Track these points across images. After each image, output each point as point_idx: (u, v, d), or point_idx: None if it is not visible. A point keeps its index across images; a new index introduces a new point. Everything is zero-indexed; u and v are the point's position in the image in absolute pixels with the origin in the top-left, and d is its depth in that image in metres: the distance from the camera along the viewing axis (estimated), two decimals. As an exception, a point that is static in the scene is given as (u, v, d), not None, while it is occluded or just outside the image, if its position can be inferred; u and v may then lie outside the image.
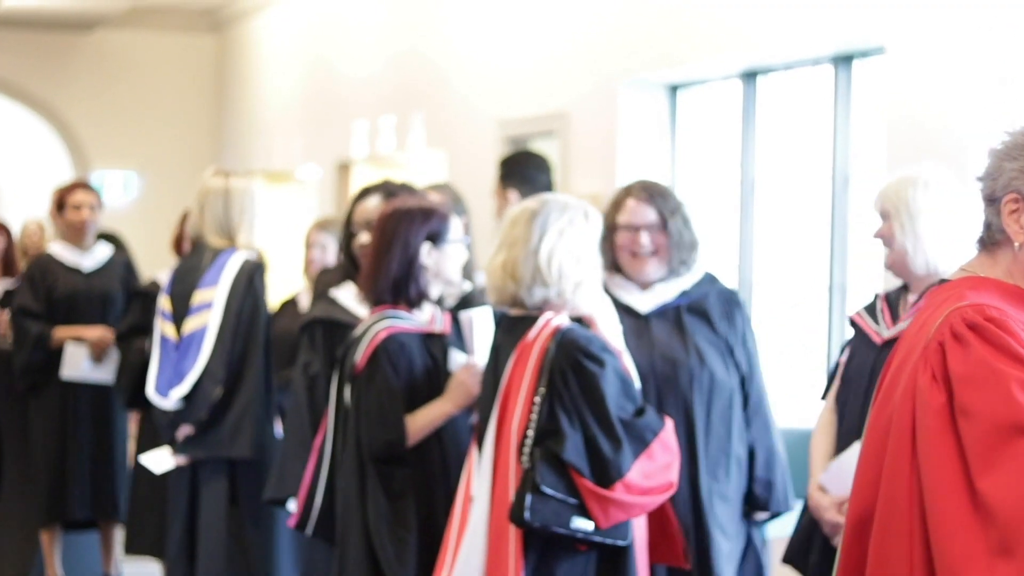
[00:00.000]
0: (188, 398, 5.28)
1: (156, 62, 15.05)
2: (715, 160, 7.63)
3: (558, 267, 3.62)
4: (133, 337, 6.50)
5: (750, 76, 7.22)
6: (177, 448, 5.36)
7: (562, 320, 3.64)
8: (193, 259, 5.50)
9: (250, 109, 14.36)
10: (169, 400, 5.29)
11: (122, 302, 6.95)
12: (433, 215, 4.06)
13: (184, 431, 5.34)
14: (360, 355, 3.94)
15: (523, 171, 5.85)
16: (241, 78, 14.65)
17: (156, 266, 8.13)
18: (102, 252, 7.06)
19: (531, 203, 3.73)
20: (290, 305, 6.32)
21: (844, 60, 6.55)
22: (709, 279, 4.20)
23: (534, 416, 3.51)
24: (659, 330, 4.06)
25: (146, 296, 6.53)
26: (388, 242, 4.00)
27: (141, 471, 6.51)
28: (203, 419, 5.25)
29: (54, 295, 6.84)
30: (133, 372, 6.42)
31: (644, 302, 4.12)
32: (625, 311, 4.01)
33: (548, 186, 5.89)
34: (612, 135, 7.89)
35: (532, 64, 8.82)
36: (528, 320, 3.64)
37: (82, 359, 6.76)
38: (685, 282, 4.15)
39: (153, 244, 12.59)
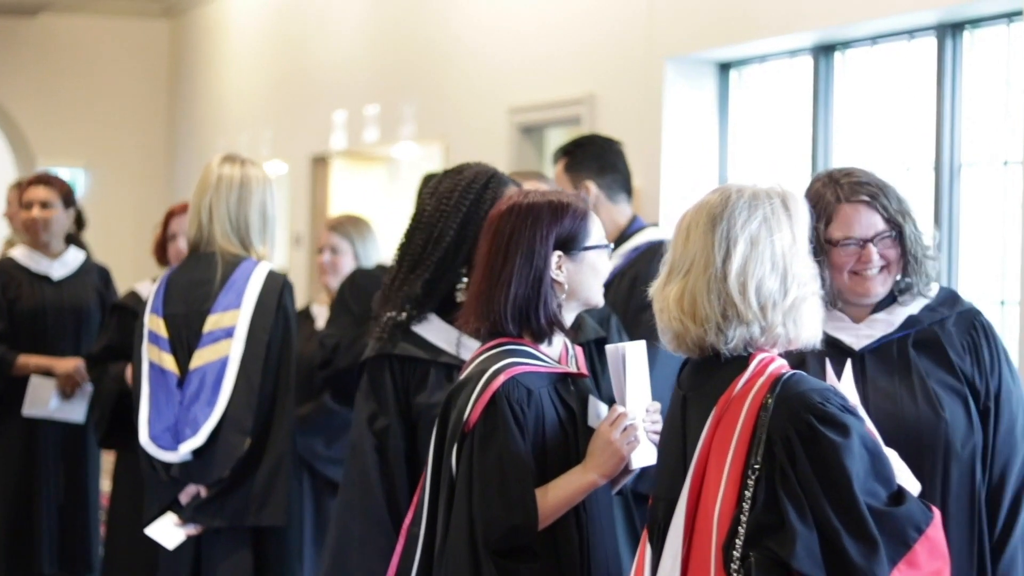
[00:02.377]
0: (202, 452, 4.18)
1: (106, 49, 13.89)
2: (777, 149, 6.63)
3: (757, 292, 2.59)
4: (109, 361, 5.41)
5: (825, 50, 6.22)
6: (186, 514, 4.22)
7: (781, 365, 2.59)
8: (195, 271, 4.37)
9: (209, 100, 13.22)
10: (176, 454, 4.18)
11: (97, 317, 5.87)
12: (565, 212, 3.00)
13: (192, 491, 4.23)
14: (471, 407, 2.87)
15: (601, 158, 4.77)
16: (199, 66, 13.51)
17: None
18: (73, 258, 5.96)
19: (709, 202, 2.68)
20: (301, 321, 5.25)
21: (953, 29, 5.56)
22: (947, 298, 3.14)
23: (745, 504, 2.46)
24: (876, 372, 3.02)
25: (124, 311, 5.44)
26: (504, 251, 2.95)
27: (118, 519, 5.43)
28: (224, 478, 4.14)
29: (17, 308, 5.76)
30: (108, 404, 5.35)
31: (857, 335, 3.08)
32: (830, 347, 2.95)
33: (628, 176, 4.86)
34: (653, 122, 6.86)
35: (550, 42, 7.77)
36: (730, 364, 2.60)
37: (49, 395, 5.69)
38: (913, 305, 3.10)
39: (104, 248, 11.42)
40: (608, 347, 2.96)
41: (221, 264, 4.26)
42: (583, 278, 2.99)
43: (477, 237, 3.17)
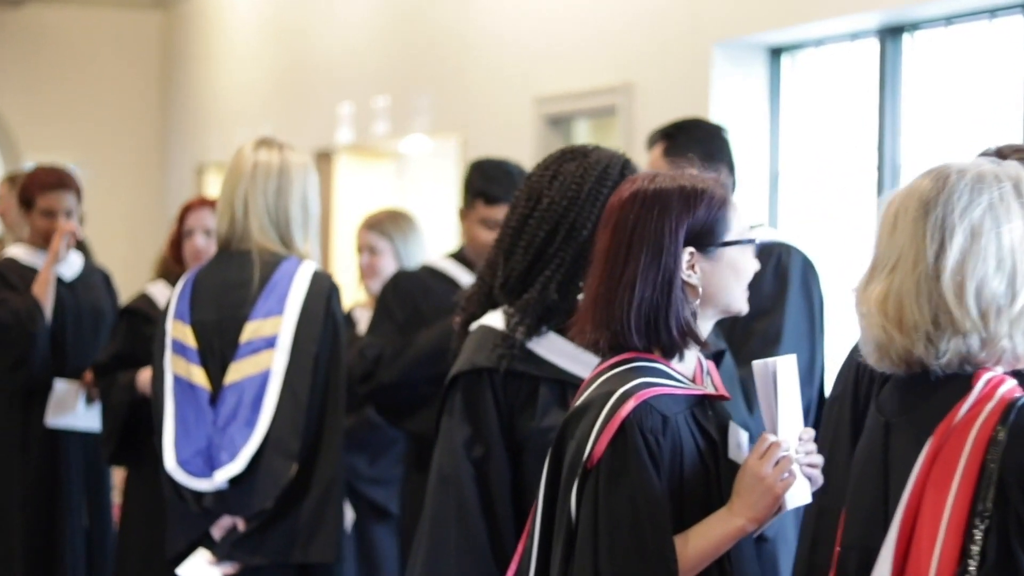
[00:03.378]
0: (241, 479, 3.64)
1: (95, 41, 13.35)
2: (835, 140, 6.15)
3: (977, 295, 2.09)
4: (118, 370, 4.90)
5: (892, 32, 5.73)
6: (221, 550, 3.69)
7: (1013, 388, 2.09)
8: (227, 271, 3.83)
9: (204, 93, 12.69)
10: (209, 481, 3.64)
11: (111, 321, 5.37)
12: (699, 199, 2.49)
13: (227, 524, 3.69)
14: (595, 438, 2.36)
15: (707, 144, 4.16)
16: (193, 58, 12.98)
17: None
18: (75, 259, 5.45)
19: (921, 186, 2.19)
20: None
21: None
22: None
23: (972, 560, 1.97)
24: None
25: (134, 316, 4.93)
26: (627, 248, 2.45)
27: (129, 549, 4.93)
28: (267, 509, 3.60)
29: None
30: (118, 417, 4.84)
31: None
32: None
33: (734, 167, 4.30)
34: (698, 112, 6.36)
35: (581, 26, 7.27)
36: (947, 384, 2.10)
37: (76, 401, 5.17)
38: None
39: (93, 248, 10.90)
40: (756, 363, 2.45)
41: (259, 264, 3.72)
42: (721, 280, 2.49)
43: None
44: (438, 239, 11.19)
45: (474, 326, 2.88)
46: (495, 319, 2.83)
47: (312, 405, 3.63)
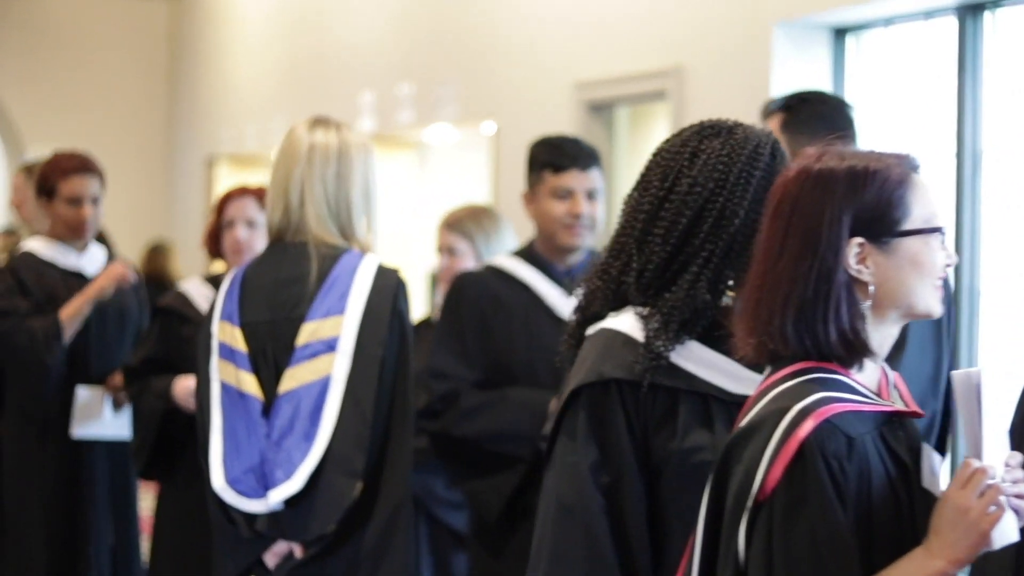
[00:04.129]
0: (299, 500, 3.23)
1: (99, 30, 12.95)
2: (905, 126, 5.77)
3: None
4: (150, 375, 4.51)
5: (973, 10, 5.36)
6: (275, 578, 3.26)
7: None
8: (281, 266, 3.41)
9: (213, 84, 12.29)
10: (263, 502, 3.23)
11: (137, 320, 4.98)
12: (869, 181, 2.09)
13: (283, 550, 3.29)
14: (768, 464, 1.97)
15: (831, 120, 3.60)
16: (201, 48, 12.58)
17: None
18: (97, 252, 5.05)
19: None
20: (420, 333, 4.17)
21: None
22: None
23: None
24: None
25: (168, 316, 4.54)
26: (783, 237, 2.08)
27: (162, 562, 4.54)
28: (328, 534, 3.19)
29: (52, 311, 4.83)
30: (151, 427, 4.45)
31: None
32: None
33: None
34: (757, 97, 5.98)
35: (626, 6, 6.89)
36: None
37: (101, 409, 4.79)
38: None
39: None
40: (956, 374, 2.07)
41: (316, 257, 3.31)
42: (900, 276, 2.09)
43: None
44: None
45: (593, 329, 2.47)
46: (624, 322, 2.41)
47: (378, 416, 3.22)
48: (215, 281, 4.59)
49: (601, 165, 3.77)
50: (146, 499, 5.71)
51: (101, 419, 4.78)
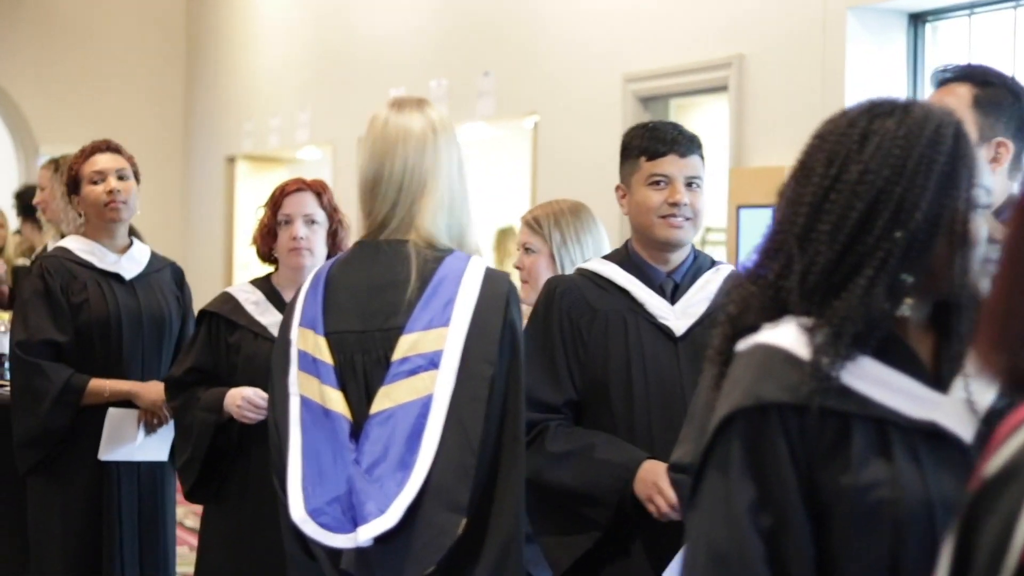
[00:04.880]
0: (394, 536, 2.79)
1: (116, 24, 12.61)
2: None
3: None
4: (196, 386, 4.16)
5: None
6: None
7: None
8: (373, 269, 2.96)
9: (233, 80, 11.95)
10: (350, 538, 2.84)
11: (178, 328, 4.60)
12: None
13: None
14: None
15: (1014, 108, 3.15)
16: (221, 42, 12.23)
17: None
18: (140, 252, 4.66)
19: None
20: None
21: None
22: None
23: None
24: None
25: (215, 321, 4.17)
26: None
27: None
28: (431, 574, 2.80)
29: (84, 316, 4.41)
30: (200, 445, 4.09)
31: None
32: None
33: None
34: (831, 87, 5.64)
35: (680, -4, 6.55)
36: None
37: (133, 431, 4.42)
38: None
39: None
40: None
41: (415, 259, 2.91)
42: None
43: (956, 213, 1.94)
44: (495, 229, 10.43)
45: (745, 344, 2.08)
46: (784, 335, 2.02)
47: (486, 443, 2.81)
48: (265, 284, 4.23)
49: (703, 152, 3.36)
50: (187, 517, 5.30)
51: (132, 444, 4.40)
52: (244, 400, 4.01)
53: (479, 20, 8.23)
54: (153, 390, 4.41)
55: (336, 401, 2.90)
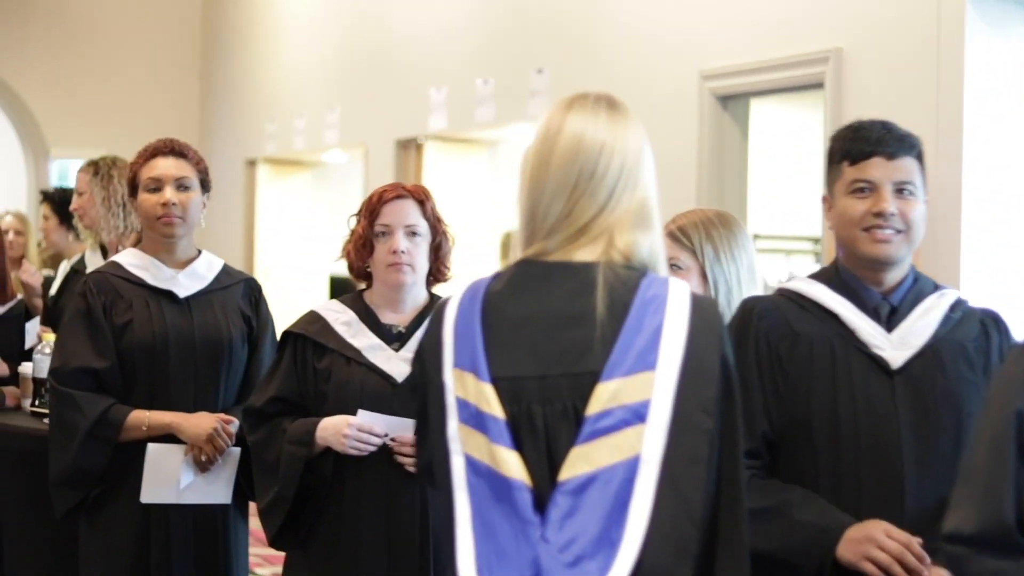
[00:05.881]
0: None
1: (128, 23, 12.14)
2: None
3: None
4: (280, 417, 3.66)
5: None
6: None
7: None
8: (546, 293, 2.37)
9: (253, 80, 11.45)
10: None
11: (244, 354, 4.06)
12: None
13: None
14: None
15: None
16: (240, 41, 11.74)
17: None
18: (206, 267, 4.12)
19: None
20: None
21: None
22: None
23: None
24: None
25: (301, 343, 3.66)
26: None
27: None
28: None
29: (129, 340, 3.87)
30: (288, 486, 3.60)
31: None
32: None
33: None
34: (947, 85, 5.16)
35: (766, -14, 6.08)
36: None
37: (178, 470, 3.88)
38: None
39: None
40: None
41: (604, 284, 2.35)
42: None
43: None
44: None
45: None
46: None
47: (705, 512, 2.30)
48: (357, 303, 3.74)
49: (920, 154, 2.86)
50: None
51: (176, 485, 3.86)
52: (353, 428, 3.52)
53: (531, 13, 7.75)
54: (198, 422, 3.89)
55: (512, 464, 2.33)
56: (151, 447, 3.86)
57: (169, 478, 3.90)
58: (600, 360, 2.31)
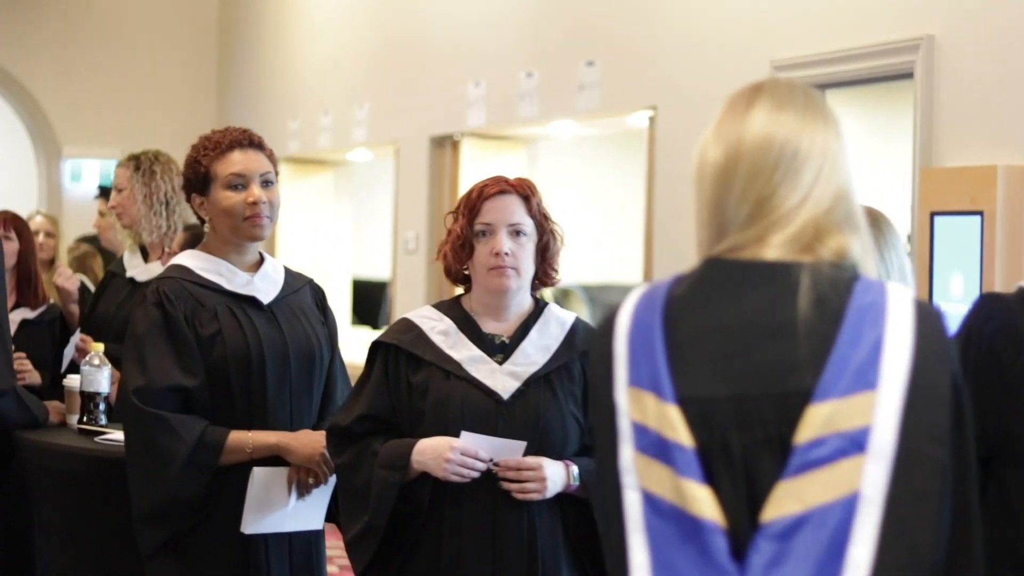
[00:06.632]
0: None
1: (142, 19, 11.78)
2: None
3: None
4: (368, 439, 3.29)
5: None
6: None
7: None
8: (741, 298, 1.99)
9: (275, 75, 11.09)
10: None
11: (327, 362, 3.69)
12: None
13: None
14: None
15: None
16: (259, 34, 11.38)
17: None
18: (274, 269, 3.74)
19: None
20: None
21: None
22: None
23: None
24: None
25: (392, 354, 3.30)
26: None
27: None
28: None
29: (217, 354, 3.48)
30: (383, 507, 3.26)
31: None
32: None
33: None
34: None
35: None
36: None
37: (283, 496, 3.52)
38: None
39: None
40: None
41: (810, 287, 1.98)
42: None
43: None
44: (593, 243, 9.59)
45: None
46: None
47: (936, 561, 1.93)
48: (455, 310, 3.37)
49: None
50: None
51: (283, 512, 3.50)
52: (456, 452, 3.16)
53: (579, 6, 7.38)
54: (307, 442, 3.53)
55: (703, 501, 1.96)
56: (257, 471, 3.49)
57: (274, 505, 3.54)
58: (810, 378, 1.93)
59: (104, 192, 6.34)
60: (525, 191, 3.35)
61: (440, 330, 3.35)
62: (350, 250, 10.88)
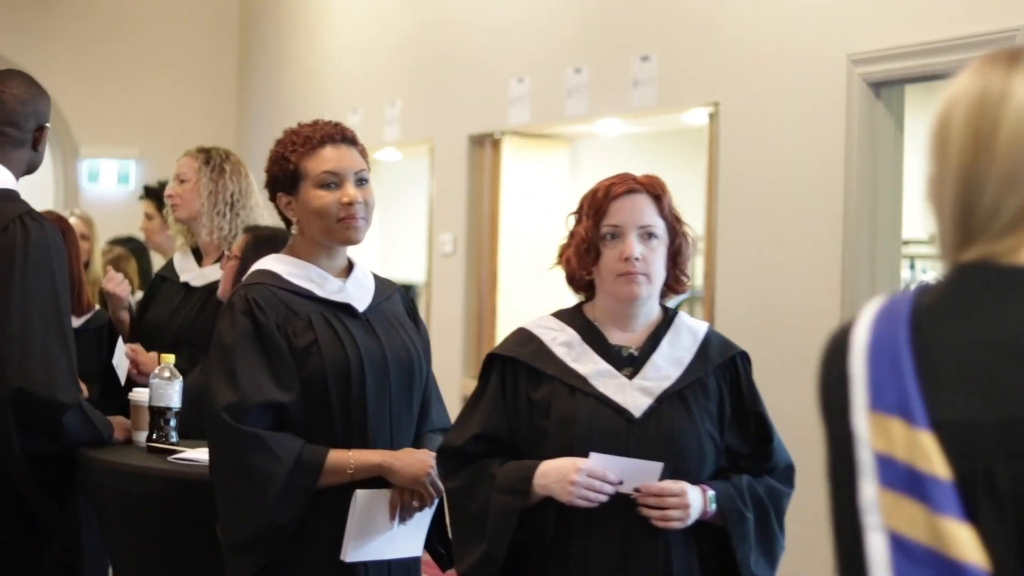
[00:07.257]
0: None
1: (161, 15, 11.49)
2: None
3: None
4: (484, 460, 3.02)
5: None
6: None
7: None
8: (1001, 309, 1.69)
9: (299, 71, 10.82)
10: None
11: (424, 375, 3.42)
12: None
13: None
14: None
15: None
16: (282, 29, 11.10)
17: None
18: (364, 275, 3.46)
19: None
20: None
21: None
22: None
23: None
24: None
25: (510, 369, 3.03)
26: None
27: None
28: None
29: (314, 366, 3.19)
30: (503, 533, 3.00)
31: None
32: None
33: None
34: None
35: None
36: None
37: (385, 519, 3.26)
38: None
39: (159, 260, 9.11)
40: None
41: None
42: None
43: None
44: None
45: None
46: None
47: None
48: (577, 319, 3.10)
49: None
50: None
51: (385, 537, 3.23)
52: (583, 474, 2.89)
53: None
54: (412, 462, 3.26)
55: (964, 542, 1.68)
56: (360, 494, 3.22)
57: (377, 530, 3.27)
58: None
59: (150, 192, 6.06)
60: (656, 190, 3.08)
61: (562, 341, 3.08)
62: (378, 253, 10.61)
